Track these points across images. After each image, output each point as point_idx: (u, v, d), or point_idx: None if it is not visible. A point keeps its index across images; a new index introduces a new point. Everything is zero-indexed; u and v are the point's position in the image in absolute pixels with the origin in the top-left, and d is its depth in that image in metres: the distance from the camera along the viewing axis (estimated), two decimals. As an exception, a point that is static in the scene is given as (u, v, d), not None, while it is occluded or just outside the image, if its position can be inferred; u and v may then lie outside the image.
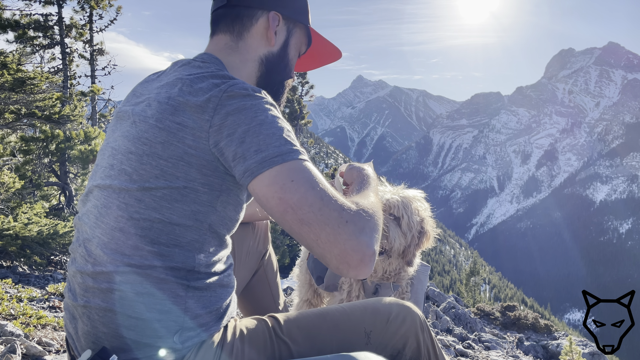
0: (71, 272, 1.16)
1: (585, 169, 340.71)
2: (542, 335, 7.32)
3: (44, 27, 11.46)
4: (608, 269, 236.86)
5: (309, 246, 0.98)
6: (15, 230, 4.69)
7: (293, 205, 0.94)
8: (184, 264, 1.07)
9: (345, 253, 0.93)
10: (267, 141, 0.99)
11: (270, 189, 0.96)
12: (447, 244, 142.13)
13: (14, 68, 6.22)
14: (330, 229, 0.93)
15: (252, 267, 1.93)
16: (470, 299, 18.22)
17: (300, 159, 1.00)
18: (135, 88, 1.28)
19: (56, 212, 7.97)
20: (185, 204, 1.06)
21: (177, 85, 1.09)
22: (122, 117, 1.20)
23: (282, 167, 0.97)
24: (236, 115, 1.01)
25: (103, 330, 1.07)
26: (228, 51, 1.28)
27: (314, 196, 0.94)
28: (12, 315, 2.58)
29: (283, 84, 1.38)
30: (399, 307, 1.21)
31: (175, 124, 1.05)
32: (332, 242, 0.93)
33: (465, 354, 4.64)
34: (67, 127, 8.34)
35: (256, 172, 0.98)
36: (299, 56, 1.42)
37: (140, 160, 1.07)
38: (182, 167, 1.05)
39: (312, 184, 0.96)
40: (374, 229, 0.99)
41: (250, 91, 1.06)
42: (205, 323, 1.11)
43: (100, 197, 1.12)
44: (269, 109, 1.05)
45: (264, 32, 1.30)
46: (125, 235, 1.06)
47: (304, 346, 1.15)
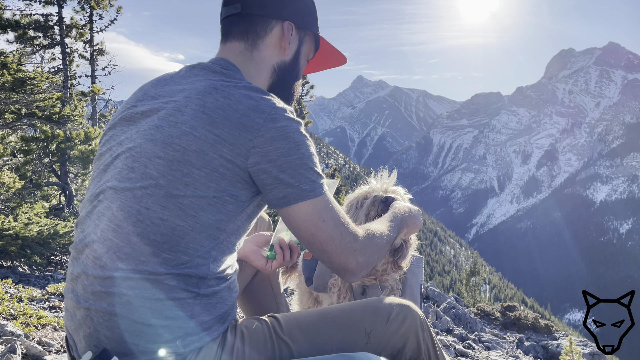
0: (75, 273, 1.13)
1: (586, 169, 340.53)
2: (542, 335, 7.32)
3: (44, 27, 11.45)
4: (608, 269, 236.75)
5: (320, 259, 1.19)
6: (15, 230, 4.69)
7: (321, 241, 1.14)
8: (197, 272, 1.09)
9: (345, 268, 1.17)
10: (305, 174, 1.11)
11: (306, 224, 1.13)
12: (447, 244, 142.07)
13: (14, 68, 6.22)
14: (344, 256, 1.15)
15: (253, 267, 1.94)
16: (471, 299, 18.21)
17: (324, 192, 1.15)
18: (146, 89, 1.25)
19: (56, 212, 7.97)
20: (211, 213, 1.08)
21: (212, 94, 1.10)
22: (134, 118, 1.19)
23: (314, 202, 1.12)
24: (280, 142, 1.08)
25: (105, 334, 1.07)
26: (243, 59, 1.28)
27: (337, 233, 1.14)
28: (12, 315, 2.58)
29: (293, 88, 1.41)
30: (400, 307, 1.22)
31: (213, 135, 1.06)
32: (340, 262, 1.16)
33: (466, 354, 4.64)
34: (67, 127, 8.34)
35: (293, 201, 1.11)
36: (307, 62, 1.45)
37: (169, 166, 1.06)
38: (215, 178, 1.07)
39: (336, 222, 1.15)
40: (376, 250, 1.23)
41: (291, 115, 1.14)
42: (209, 327, 1.12)
43: (115, 200, 1.10)
44: (305, 137, 1.13)
45: (278, 42, 1.31)
46: (143, 240, 1.06)
47: (304, 346, 1.16)
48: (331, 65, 1.60)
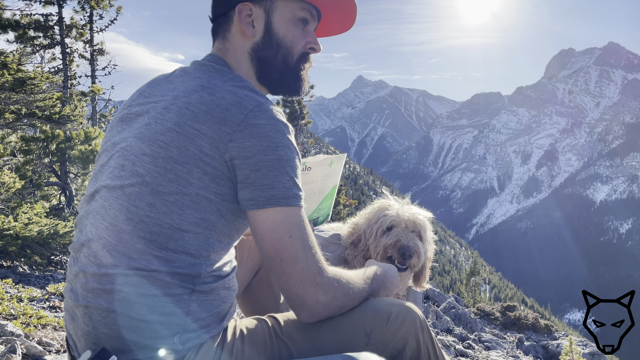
0: (73, 272, 1.15)
1: (586, 169, 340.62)
2: (542, 335, 7.32)
3: (44, 27, 11.45)
4: (608, 269, 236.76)
5: (278, 286, 1.13)
6: (15, 230, 4.69)
7: (283, 259, 1.06)
8: (190, 270, 1.08)
9: (302, 302, 1.09)
10: (280, 179, 1.06)
11: (270, 234, 1.06)
12: (447, 244, 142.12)
13: (14, 68, 6.22)
14: (303, 286, 1.07)
15: (253, 267, 1.92)
16: (471, 299, 18.21)
17: (300, 205, 1.09)
18: (142, 89, 1.27)
19: (56, 212, 7.97)
20: (196, 211, 1.07)
21: (198, 91, 1.11)
22: (129, 118, 1.20)
23: (285, 211, 1.06)
24: (258, 139, 1.05)
25: (104, 331, 1.07)
26: (224, 53, 1.30)
27: (302, 256, 1.07)
28: (13, 315, 2.58)
29: (288, 66, 1.31)
30: (399, 308, 1.20)
31: (194, 130, 1.06)
32: (297, 293, 1.08)
33: (466, 354, 4.65)
34: (67, 127, 8.33)
35: (262, 205, 1.06)
36: (293, 23, 1.31)
37: (154, 162, 1.07)
38: (197, 174, 1.06)
39: (304, 244, 1.07)
40: (343, 296, 1.13)
41: (278, 115, 1.10)
42: (206, 325, 1.11)
43: (109, 198, 1.11)
44: (289, 143, 1.09)
45: (240, 28, 1.28)
46: (133, 238, 1.06)
47: (304, 346, 1.15)
48: (337, 10, 1.41)
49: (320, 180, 1.30)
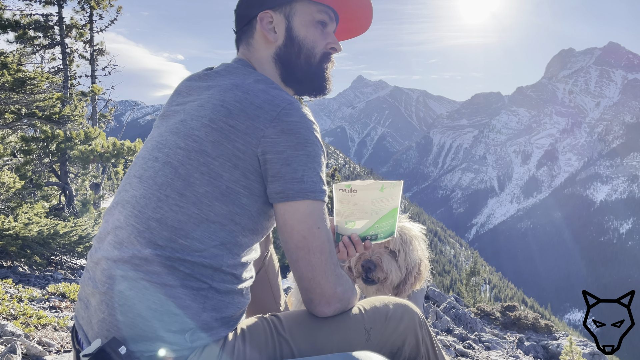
0: (94, 259, 1.18)
1: (586, 169, 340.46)
2: (543, 335, 7.32)
3: (44, 27, 11.45)
4: (608, 269, 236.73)
5: (299, 277, 1.16)
6: (15, 230, 4.69)
7: (311, 248, 1.13)
8: (211, 262, 1.11)
9: (322, 292, 1.15)
10: (309, 174, 1.12)
11: (300, 225, 1.12)
12: (447, 244, 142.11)
13: (14, 68, 6.22)
14: (326, 276, 1.14)
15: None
16: (471, 299, 18.21)
17: (325, 201, 1.16)
18: (178, 88, 1.34)
19: (56, 212, 7.98)
20: (225, 203, 1.12)
21: (233, 90, 1.17)
22: (168, 115, 1.28)
23: (314, 204, 1.13)
24: (290, 135, 1.12)
25: (119, 318, 1.09)
26: (249, 58, 1.38)
27: (327, 248, 1.15)
28: (13, 315, 2.58)
29: (311, 65, 1.37)
30: (397, 305, 1.24)
31: (228, 125, 1.12)
32: (319, 281, 1.14)
33: (466, 354, 4.65)
34: (67, 127, 8.34)
35: (292, 197, 1.12)
36: (313, 25, 1.37)
37: (188, 155, 1.13)
38: (228, 168, 1.12)
39: (329, 237, 1.15)
40: (350, 290, 1.21)
41: (307, 114, 1.17)
42: (216, 327, 1.13)
43: (139, 188, 1.17)
44: (317, 140, 1.16)
45: (263, 36, 1.36)
46: (161, 225, 1.11)
47: (305, 344, 1.17)
48: (354, 11, 1.47)
49: (371, 203, 1.31)
